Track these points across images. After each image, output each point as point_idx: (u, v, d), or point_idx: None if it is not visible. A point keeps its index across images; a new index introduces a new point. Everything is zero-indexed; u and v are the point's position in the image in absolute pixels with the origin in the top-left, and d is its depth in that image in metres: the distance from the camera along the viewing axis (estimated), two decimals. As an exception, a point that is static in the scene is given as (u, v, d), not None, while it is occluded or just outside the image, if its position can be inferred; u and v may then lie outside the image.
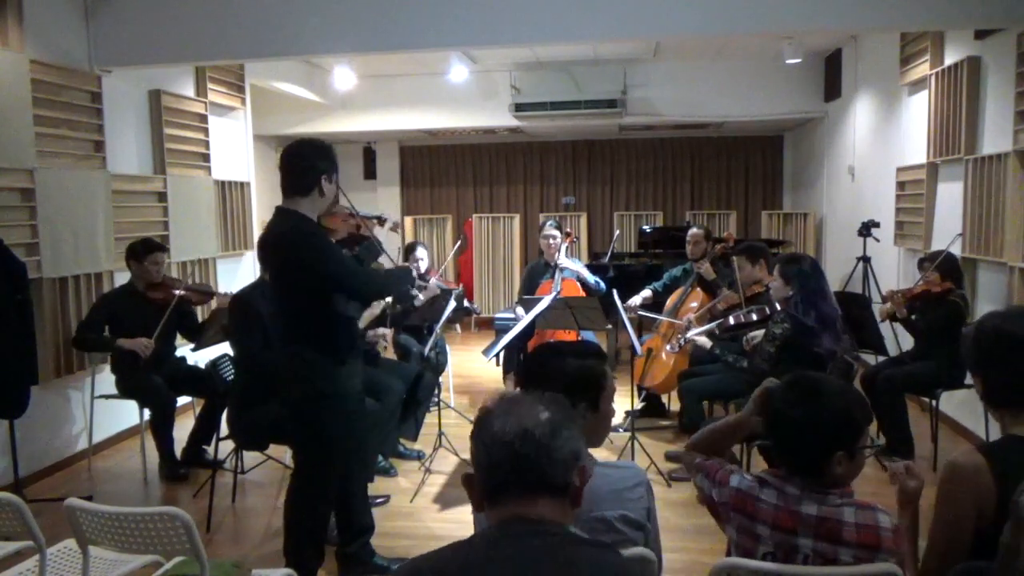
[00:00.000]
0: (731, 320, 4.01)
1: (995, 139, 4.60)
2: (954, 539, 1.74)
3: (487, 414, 1.35)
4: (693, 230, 5.35)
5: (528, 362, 2.24)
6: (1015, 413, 1.80)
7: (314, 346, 2.91)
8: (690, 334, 4.15)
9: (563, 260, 5.27)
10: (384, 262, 3.45)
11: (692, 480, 1.99)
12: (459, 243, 7.16)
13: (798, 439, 1.76)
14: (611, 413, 1.97)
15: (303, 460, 3.08)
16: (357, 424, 3.10)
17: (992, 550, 1.47)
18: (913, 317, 4.53)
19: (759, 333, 3.82)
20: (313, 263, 2.85)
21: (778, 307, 3.69)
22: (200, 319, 4.83)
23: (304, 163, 2.90)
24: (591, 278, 5.36)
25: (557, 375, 1.86)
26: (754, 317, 3.88)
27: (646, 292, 5.36)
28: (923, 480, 1.85)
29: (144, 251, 4.45)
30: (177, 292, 4.42)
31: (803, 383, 1.80)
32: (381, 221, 3.52)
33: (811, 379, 1.82)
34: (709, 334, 4.02)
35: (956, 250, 4.66)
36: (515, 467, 1.28)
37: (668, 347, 4.80)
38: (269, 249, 2.96)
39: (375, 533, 3.38)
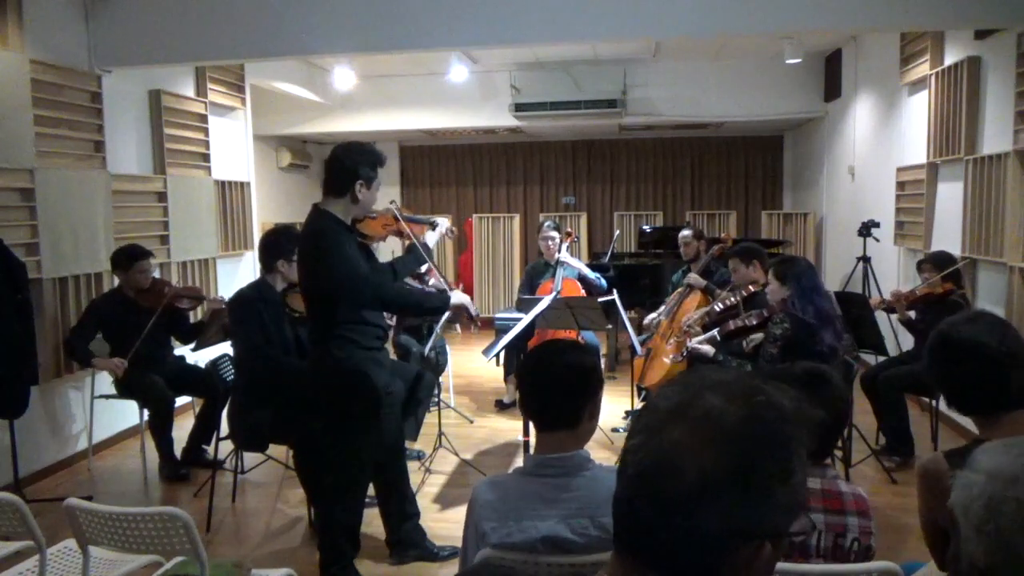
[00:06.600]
0: (731, 325, 4.01)
1: (995, 139, 4.60)
2: (932, 531, 1.81)
3: (649, 408, 0.86)
4: (683, 232, 5.41)
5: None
6: (982, 419, 1.82)
7: (338, 346, 2.94)
8: (692, 344, 4.13)
9: (565, 256, 5.30)
10: (434, 281, 3.47)
11: None
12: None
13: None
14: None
15: (334, 453, 3.11)
16: (386, 418, 3.12)
17: None
18: (913, 316, 4.54)
19: (759, 336, 3.83)
20: (317, 268, 2.89)
21: (776, 308, 3.70)
22: (192, 321, 4.81)
23: (342, 165, 2.93)
24: (592, 274, 5.41)
25: None
26: (753, 321, 3.88)
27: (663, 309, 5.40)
28: None
29: (128, 260, 4.42)
30: (166, 296, 4.38)
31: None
32: (432, 225, 3.47)
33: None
34: (711, 341, 4.02)
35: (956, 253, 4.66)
36: (625, 530, 0.84)
37: (670, 359, 4.78)
38: (299, 246, 3.04)
39: (373, 531, 3.38)
